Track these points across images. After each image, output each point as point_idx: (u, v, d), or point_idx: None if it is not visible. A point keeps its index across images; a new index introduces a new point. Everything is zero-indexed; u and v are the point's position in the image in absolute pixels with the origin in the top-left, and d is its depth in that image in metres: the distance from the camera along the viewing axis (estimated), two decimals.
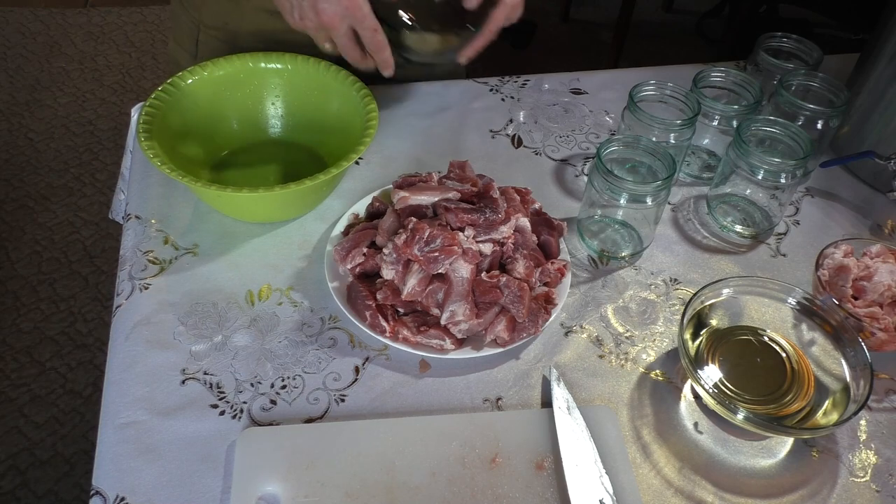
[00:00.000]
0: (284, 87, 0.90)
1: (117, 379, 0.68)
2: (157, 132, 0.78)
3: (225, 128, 0.89)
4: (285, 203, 0.80)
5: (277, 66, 0.88)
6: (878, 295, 0.73)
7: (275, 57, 0.88)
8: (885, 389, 0.72)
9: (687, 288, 0.80)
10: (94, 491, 0.61)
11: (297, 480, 0.60)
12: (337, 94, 0.87)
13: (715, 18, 2.83)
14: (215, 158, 0.88)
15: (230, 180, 0.86)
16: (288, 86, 0.89)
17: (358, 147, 0.77)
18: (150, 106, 0.80)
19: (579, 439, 0.63)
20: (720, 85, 0.91)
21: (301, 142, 0.91)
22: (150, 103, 0.80)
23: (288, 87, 0.89)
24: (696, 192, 0.91)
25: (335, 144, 0.84)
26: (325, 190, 0.83)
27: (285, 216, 0.83)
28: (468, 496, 0.61)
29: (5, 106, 2.39)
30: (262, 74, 0.88)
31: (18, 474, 1.49)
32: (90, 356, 1.70)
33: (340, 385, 0.69)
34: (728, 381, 0.68)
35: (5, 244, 1.95)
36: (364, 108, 0.82)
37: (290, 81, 0.89)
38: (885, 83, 0.88)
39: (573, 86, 1.07)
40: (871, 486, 0.65)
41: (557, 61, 2.66)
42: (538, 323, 0.70)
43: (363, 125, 0.81)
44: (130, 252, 0.79)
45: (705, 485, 0.64)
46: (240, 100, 0.89)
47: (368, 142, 0.77)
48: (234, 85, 0.88)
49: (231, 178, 0.87)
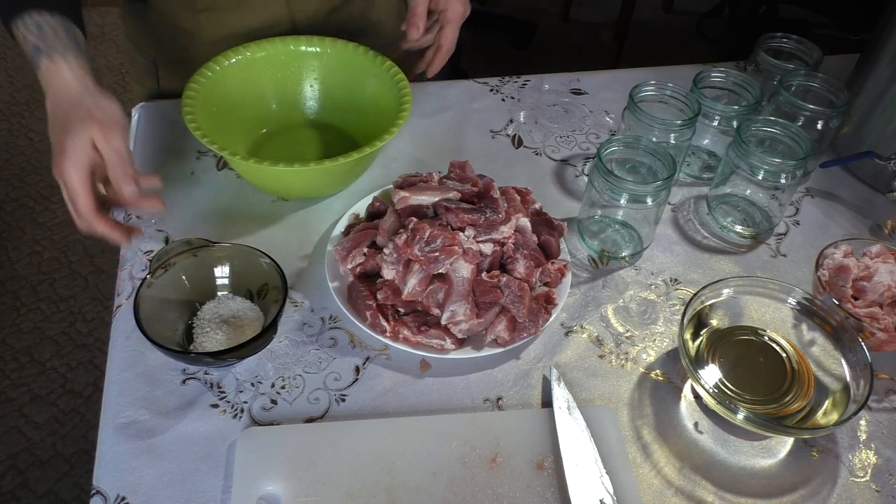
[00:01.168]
0: (322, 69, 0.93)
1: (118, 378, 0.68)
2: (199, 109, 0.81)
3: (264, 108, 0.92)
4: (320, 179, 0.82)
5: (317, 50, 0.92)
6: (878, 295, 0.73)
7: (316, 41, 0.91)
8: (885, 389, 0.72)
9: (687, 288, 0.80)
10: (94, 490, 0.61)
11: (297, 480, 0.61)
12: (372, 76, 0.90)
13: (715, 19, 2.83)
14: (254, 136, 0.92)
15: (268, 157, 0.88)
16: (325, 68, 0.93)
17: (391, 128, 0.79)
18: (194, 82, 0.83)
19: (580, 439, 0.63)
20: (720, 85, 0.91)
21: (335, 123, 0.95)
22: (194, 80, 0.83)
23: (325, 69, 0.93)
24: (696, 193, 0.91)
25: (369, 126, 0.87)
26: (358, 169, 0.85)
27: (320, 192, 0.86)
28: (468, 496, 0.61)
29: (5, 106, 2.39)
30: (301, 57, 0.91)
31: (18, 474, 1.48)
32: (90, 356, 1.70)
33: (341, 385, 0.69)
34: (728, 381, 0.68)
35: (5, 244, 1.95)
36: (398, 90, 0.85)
37: (328, 64, 0.92)
38: (885, 83, 0.88)
39: (573, 86, 1.07)
40: (871, 486, 0.65)
41: (557, 61, 2.66)
42: (538, 323, 0.70)
43: (397, 107, 0.83)
44: (130, 251, 0.79)
45: (705, 484, 0.64)
46: (279, 81, 0.92)
47: (402, 123, 0.80)
48: (274, 66, 0.91)
49: (268, 154, 0.90)
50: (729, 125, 0.88)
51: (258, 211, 0.84)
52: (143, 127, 0.94)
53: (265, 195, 0.86)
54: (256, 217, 0.84)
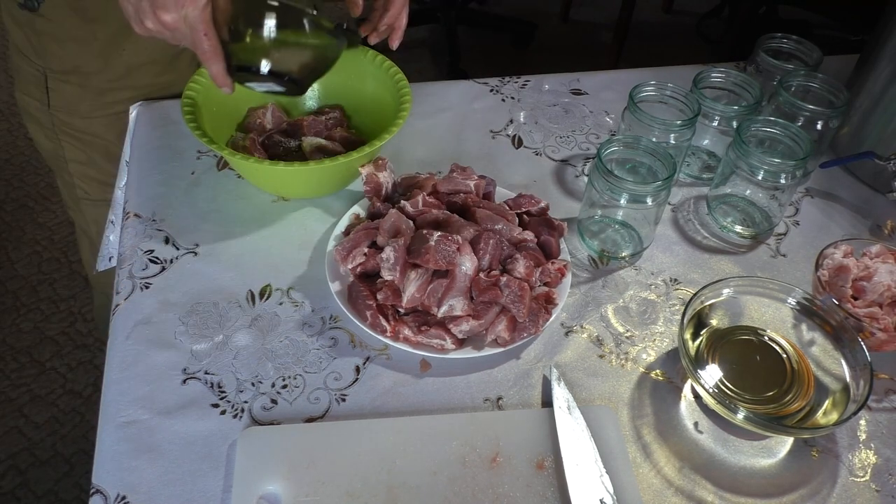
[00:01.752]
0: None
1: (118, 378, 0.68)
2: (199, 109, 0.81)
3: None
4: (320, 179, 0.83)
5: None
6: (877, 295, 0.73)
7: None
8: (884, 389, 0.72)
9: (687, 288, 0.80)
10: (94, 489, 0.61)
11: (297, 480, 0.61)
12: (371, 76, 0.90)
13: (715, 19, 2.84)
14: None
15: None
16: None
17: (391, 128, 0.79)
18: (194, 82, 0.83)
19: (580, 439, 0.64)
20: (720, 86, 0.91)
21: None
22: (194, 79, 0.83)
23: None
24: (696, 193, 0.91)
25: (368, 125, 0.89)
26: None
27: (319, 192, 0.86)
28: (469, 495, 0.61)
29: (5, 106, 2.39)
30: None
31: (18, 474, 1.49)
32: (90, 356, 1.70)
33: (341, 385, 0.69)
34: (728, 381, 0.68)
35: (5, 244, 1.95)
36: (397, 90, 0.85)
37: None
38: (885, 84, 0.88)
39: (573, 86, 1.07)
40: (871, 486, 0.65)
41: (557, 61, 2.66)
42: (538, 323, 0.70)
43: (396, 107, 0.83)
44: (130, 251, 0.79)
45: (705, 484, 0.64)
46: None
47: (401, 123, 0.80)
48: None
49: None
50: (729, 125, 0.88)
51: (258, 211, 0.84)
52: (143, 127, 0.94)
53: (265, 195, 0.86)
54: (256, 217, 0.84)
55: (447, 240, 0.69)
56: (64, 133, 0.99)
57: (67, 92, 0.95)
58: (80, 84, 0.93)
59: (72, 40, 0.90)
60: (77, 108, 0.96)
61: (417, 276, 0.70)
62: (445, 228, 0.73)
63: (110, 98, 0.96)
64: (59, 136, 1.00)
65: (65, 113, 0.97)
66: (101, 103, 0.96)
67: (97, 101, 0.96)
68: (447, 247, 0.69)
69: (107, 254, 1.00)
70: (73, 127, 0.98)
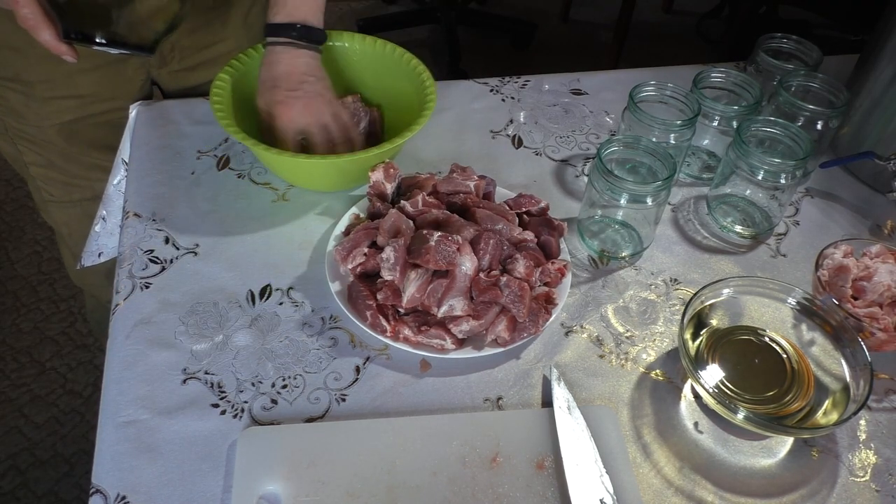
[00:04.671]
0: (348, 64, 0.95)
1: (118, 378, 0.68)
2: (227, 101, 0.83)
3: None
4: (345, 171, 0.83)
5: (345, 45, 0.94)
6: (877, 295, 0.73)
7: (346, 36, 0.93)
8: (884, 389, 0.72)
9: (687, 288, 0.80)
10: (94, 489, 0.61)
11: (297, 480, 0.61)
12: (398, 72, 0.91)
13: (715, 19, 2.84)
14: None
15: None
16: (351, 63, 0.95)
17: (414, 126, 0.80)
18: (224, 73, 0.85)
19: (580, 439, 0.64)
20: (720, 86, 0.91)
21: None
22: (225, 70, 0.85)
23: (351, 64, 0.95)
24: (696, 193, 0.91)
25: (393, 120, 0.91)
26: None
27: (343, 185, 0.87)
28: (469, 495, 0.61)
29: None
30: (327, 51, 0.91)
31: (18, 474, 1.48)
32: (90, 356, 1.70)
33: (341, 385, 0.69)
34: (728, 381, 0.68)
35: (5, 244, 1.95)
36: (422, 86, 0.86)
37: (354, 59, 0.94)
38: (885, 83, 0.88)
39: (573, 86, 1.07)
40: (871, 486, 0.65)
41: (557, 61, 2.66)
42: (539, 323, 0.70)
43: (421, 102, 0.84)
44: (129, 250, 0.79)
45: (705, 484, 0.64)
46: None
47: (428, 115, 0.81)
48: None
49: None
50: (729, 125, 0.88)
51: (258, 211, 0.84)
52: (143, 127, 0.94)
53: (265, 195, 0.86)
54: (256, 217, 0.84)
55: (447, 240, 0.69)
56: (19, 138, 0.97)
57: (13, 99, 0.92)
58: (23, 92, 0.91)
59: (7, 48, 0.88)
60: (24, 115, 0.94)
61: (417, 276, 0.70)
62: (445, 228, 0.73)
63: (55, 107, 0.93)
64: (15, 141, 0.98)
65: (14, 119, 0.95)
66: (46, 112, 0.94)
67: (43, 109, 0.93)
68: (447, 247, 0.69)
69: (95, 249, 0.99)
70: (25, 133, 0.96)
